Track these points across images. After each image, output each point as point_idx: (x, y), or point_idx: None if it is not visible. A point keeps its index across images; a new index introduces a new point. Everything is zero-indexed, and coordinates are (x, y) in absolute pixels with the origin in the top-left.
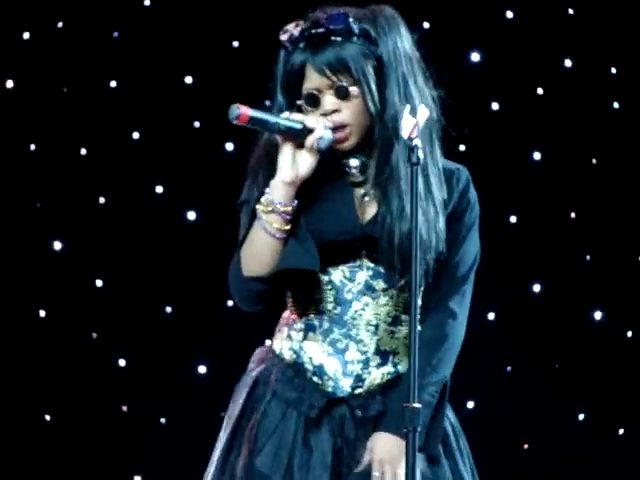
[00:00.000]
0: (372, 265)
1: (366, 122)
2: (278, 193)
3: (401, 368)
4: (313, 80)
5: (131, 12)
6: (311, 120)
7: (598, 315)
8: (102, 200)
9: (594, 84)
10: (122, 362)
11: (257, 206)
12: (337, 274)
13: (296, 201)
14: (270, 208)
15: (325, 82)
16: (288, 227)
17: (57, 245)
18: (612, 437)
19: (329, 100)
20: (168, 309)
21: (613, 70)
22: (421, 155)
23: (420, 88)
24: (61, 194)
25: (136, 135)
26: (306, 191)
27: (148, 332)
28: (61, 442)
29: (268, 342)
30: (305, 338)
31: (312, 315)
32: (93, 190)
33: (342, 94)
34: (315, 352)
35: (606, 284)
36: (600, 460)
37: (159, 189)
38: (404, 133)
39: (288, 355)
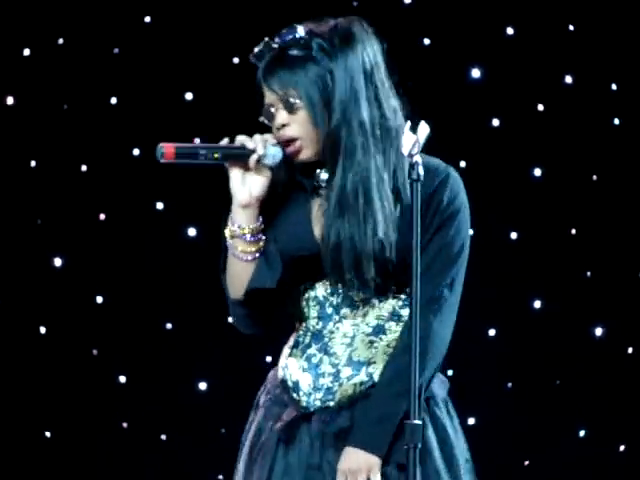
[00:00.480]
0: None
1: (316, 135)
2: (238, 217)
3: (376, 377)
4: (267, 95)
5: (131, 28)
6: (251, 141)
7: (599, 331)
8: (102, 216)
9: (595, 100)
10: (122, 379)
11: (225, 232)
12: (321, 289)
13: (260, 220)
14: (233, 233)
15: (275, 97)
16: (255, 248)
17: (57, 261)
18: (613, 453)
19: (280, 115)
20: (169, 325)
21: (614, 86)
22: (421, 171)
23: (378, 98)
24: (61, 210)
25: (136, 151)
26: (274, 210)
27: (148, 348)
28: (61, 459)
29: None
30: (290, 355)
31: (301, 332)
32: (93, 206)
33: (289, 108)
34: (293, 368)
35: (607, 300)
36: (601, 476)
37: (159, 205)
38: (404, 150)
39: (280, 372)
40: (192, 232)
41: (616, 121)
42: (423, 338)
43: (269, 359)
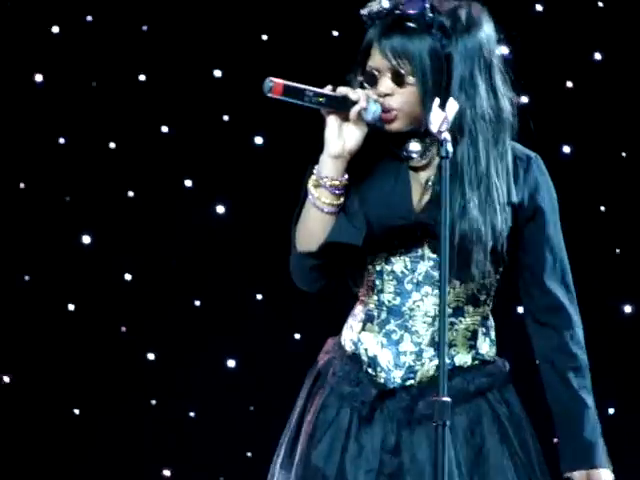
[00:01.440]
0: (434, 256)
1: (417, 112)
2: (326, 167)
3: (457, 360)
4: (375, 59)
5: (160, 5)
6: (355, 93)
7: (628, 309)
8: (131, 194)
9: (624, 77)
10: (151, 356)
11: (307, 180)
12: (399, 264)
13: (346, 176)
14: (318, 182)
15: (386, 64)
16: (337, 202)
17: (86, 239)
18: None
19: (385, 83)
20: (197, 303)
21: None
22: (450, 148)
23: (494, 88)
24: (90, 188)
25: (165, 129)
26: (363, 174)
27: (177, 326)
28: (90, 436)
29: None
30: (363, 329)
31: (372, 306)
32: (122, 184)
33: (398, 80)
34: (370, 343)
35: (637, 278)
36: (631, 454)
37: (188, 183)
38: (433, 127)
39: (348, 346)
40: (221, 209)
41: None
42: (580, 338)
43: (298, 336)
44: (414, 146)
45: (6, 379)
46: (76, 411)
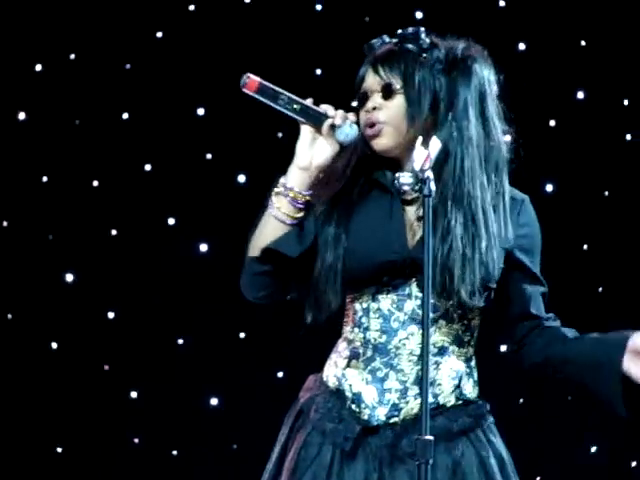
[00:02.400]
0: (421, 294)
1: (403, 126)
2: (292, 177)
3: (441, 399)
4: (368, 81)
5: (143, 44)
6: (334, 111)
7: None
8: (114, 232)
9: (606, 116)
10: (134, 394)
11: (273, 188)
12: (386, 302)
13: (310, 191)
14: (281, 190)
15: (377, 82)
16: (296, 215)
17: (69, 277)
18: (625, 470)
19: (374, 98)
20: (180, 341)
21: (626, 102)
22: (433, 187)
23: (486, 120)
24: (73, 226)
25: (148, 167)
26: (352, 207)
27: (160, 364)
28: (73, 474)
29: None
30: (348, 365)
31: (358, 343)
32: (105, 222)
33: (387, 93)
34: (355, 380)
35: (619, 315)
36: None
37: (171, 221)
38: (416, 165)
39: (332, 382)
40: (204, 248)
41: (628, 136)
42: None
43: (280, 374)
44: (405, 179)
45: None
46: (59, 449)
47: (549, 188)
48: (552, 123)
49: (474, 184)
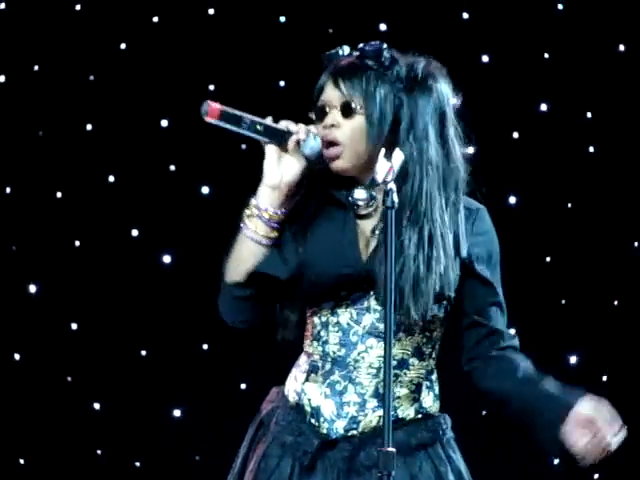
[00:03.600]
0: (379, 308)
1: (362, 147)
2: (263, 198)
3: (400, 413)
4: (327, 93)
5: (107, 55)
6: (295, 125)
7: (574, 359)
8: (77, 243)
9: (570, 128)
10: (97, 406)
11: (244, 212)
12: (345, 316)
13: (284, 210)
14: (254, 212)
15: (337, 97)
16: (272, 234)
17: (32, 288)
18: None
19: (333, 115)
20: (143, 352)
21: (589, 114)
22: (395, 199)
23: (445, 139)
24: (36, 237)
25: (111, 178)
26: (307, 222)
27: (123, 376)
28: None
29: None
30: (307, 380)
31: (317, 356)
32: (69, 233)
33: (346, 111)
34: (314, 394)
35: (582, 328)
36: None
37: (135, 232)
38: (379, 177)
39: (292, 397)
40: (167, 259)
41: (591, 149)
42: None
43: (243, 386)
44: (359, 194)
45: None
46: (21, 461)
47: (512, 200)
48: (515, 135)
49: (432, 206)
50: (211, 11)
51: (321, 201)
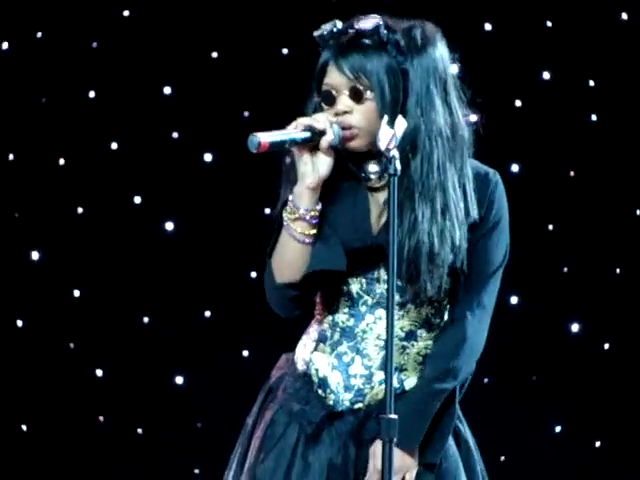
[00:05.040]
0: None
1: (376, 128)
2: (303, 199)
3: (407, 385)
4: (332, 77)
5: (110, 22)
6: (317, 122)
7: (575, 327)
8: (80, 210)
9: (572, 96)
10: (99, 372)
11: (283, 214)
12: (355, 286)
13: (320, 204)
14: (296, 215)
15: (343, 81)
16: (314, 231)
17: (35, 255)
18: (589, 449)
19: (343, 100)
20: (145, 319)
21: (591, 82)
22: (398, 166)
23: (449, 105)
24: (39, 204)
25: (114, 145)
26: (323, 195)
27: (125, 343)
28: (38, 452)
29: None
30: (315, 349)
31: (327, 325)
32: (71, 200)
33: (356, 96)
34: (321, 364)
35: (583, 296)
36: (577, 473)
37: (137, 199)
38: (381, 144)
39: (300, 365)
40: (170, 226)
41: (593, 117)
42: (460, 342)
43: (246, 353)
44: (372, 167)
45: None
46: (24, 427)
47: (515, 168)
48: (518, 103)
49: (444, 177)
50: None
51: (335, 175)
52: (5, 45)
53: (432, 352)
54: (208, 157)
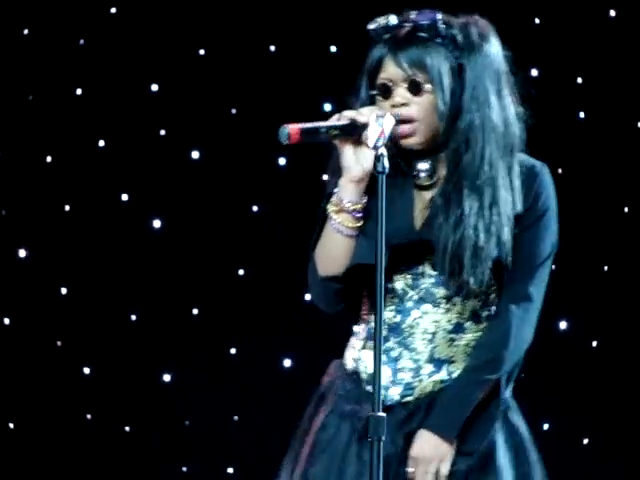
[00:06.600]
0: (434, 273)
1: (434, 122)
2: (347, 192)
3: (456, 376)
4: (389, 71)
5: (97, 19)
6: (362, 115)
7: (563, 325)
8: (67, 208)
9: (560, 94)
10: (87, 370)
11: (327, 206)
12: (400, 282)
13: (365, 197)
14: (340, 207)
15: (400, 74)
16: (359, 224)
17: (22, 253)
18: (577, 447)
19: (400, 93)
20: (133, 317)
21: (579, 80)
22: (386, 164)
23: (503, 101)
24: (26, 202)
25: (102, 143)
26: (370, 191)
27: (113, 340)
28: (25, 450)
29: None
30: (364, 347)
31: (373, 323)
32: (58, 198)
33: (414, 89)
34: (370, 361)
35: (572, 294)
36: (565, 470)
37: (124, 197)
38: (370, 142)
39: (350, 364)
40: (157, 224)
41: (582, 115)
42: (504, 333)
43: (233, 351)
44: (422, 165)
45: None
46: (11, 425)
47: None
48: None
49: (495, 172)
50: None
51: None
52: None
53: (477, 343)
54: (195, 154)
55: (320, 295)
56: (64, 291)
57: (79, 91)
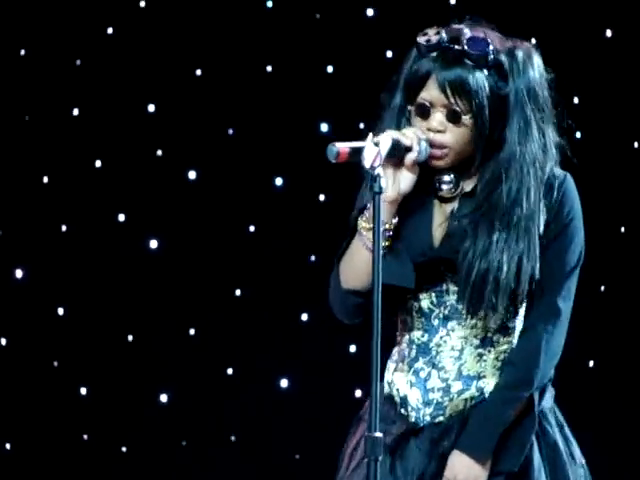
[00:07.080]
0: (457, 288)
1: (467, 150)
2: (382, 212)
3: (487, 392)
4: (431, 92)
5: (94, 40)
6: (406, 137)
7: None
8: (64, 228)
9: (557, 114)
10: (83, 390)
11: (359, 221)
12: (425, 301)
13: (397, 218)
14: (371, 225)
15: (442, 99)
16: (388, 243)
17: (19, 273)
18: None
19: (438, 118)
20: (130, 337)
21: (576, 100)
22: (383, 184)
23: (543, 128)
24: (23, 222)
25: (98, 163)
26: (400, 210)
27: (110, 361)
28: (22, 471)
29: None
30: (395, 370)
31: (404, 345)
32: (55, 218)
33: (453, 118)
34: (401, 383)
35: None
36: None
37: (121, 217)
38: (366, 162)
39: (385, 388)
40: (154, 244)
41: (578, 135)
42: (534, 349)
43: (230, 371)
44: (446, 177)
45: None
46: (7, 446)
47: None
48: None
49: (530, 203)
50: None
51: (412, 191)
52: None
53: (507, 360)
54: (192, 175)
55: (339, 305)
56: (61, 311)
57: (76, 111)
